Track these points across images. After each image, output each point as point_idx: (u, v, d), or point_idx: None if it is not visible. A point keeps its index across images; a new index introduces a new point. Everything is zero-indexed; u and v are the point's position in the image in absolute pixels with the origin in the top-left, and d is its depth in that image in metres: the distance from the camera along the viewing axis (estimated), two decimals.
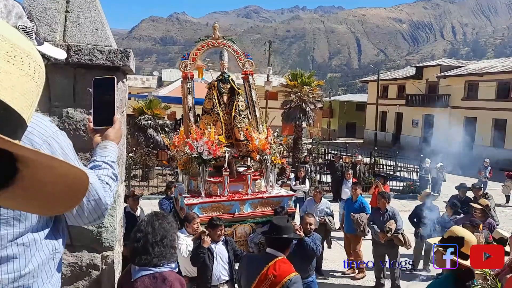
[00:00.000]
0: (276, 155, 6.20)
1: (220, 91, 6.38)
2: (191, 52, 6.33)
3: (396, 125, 36.98)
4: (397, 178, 17.24)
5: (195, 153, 5.62)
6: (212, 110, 6.28)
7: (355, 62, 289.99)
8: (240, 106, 6.36)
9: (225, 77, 6.47)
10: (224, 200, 5.85)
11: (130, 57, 2.31)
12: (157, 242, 2.44)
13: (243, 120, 6.34)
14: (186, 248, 4.86)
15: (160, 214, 2.61)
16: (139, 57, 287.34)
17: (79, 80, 2.28)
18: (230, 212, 5.84)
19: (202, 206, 5.68)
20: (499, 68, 28.04)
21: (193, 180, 6.07)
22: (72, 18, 2.30)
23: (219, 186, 5.95)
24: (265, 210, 6.06)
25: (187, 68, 6.24)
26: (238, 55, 6.43)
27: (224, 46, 6.38)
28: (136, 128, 16.18)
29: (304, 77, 20.11)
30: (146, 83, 48.84)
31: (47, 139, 1.24)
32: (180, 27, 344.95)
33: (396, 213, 7.18)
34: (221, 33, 6.52)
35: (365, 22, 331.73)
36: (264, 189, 6.27)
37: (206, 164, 5.72)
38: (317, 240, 5.47)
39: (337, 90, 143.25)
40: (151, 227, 2.49)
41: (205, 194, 5.83)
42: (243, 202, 5.95)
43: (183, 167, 6.01)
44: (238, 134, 6.28)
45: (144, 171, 15.32)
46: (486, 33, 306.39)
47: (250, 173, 6.14)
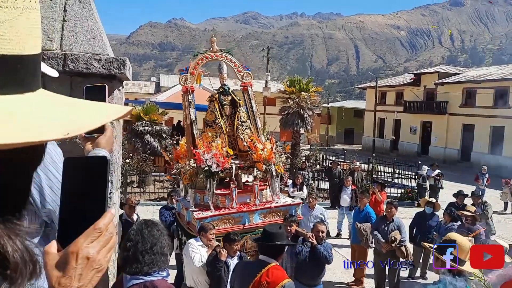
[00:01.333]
0: (280, 164, 6.25)
1: (222, 103, 6.43)
2: (190, 66, 6.35)
3: (394, 132, 37.07)
4: (395, 185, 17.25)
5: (203, 166, 5.62)
6: (215, 123, 6.32)
7: (353, 68, 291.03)
8: (242, 117, 6.41)
9: (226, 89, 6.52)
10: (233, 212, 5.86)
11: (126, 65, 2.32)
12: (147, 250, 2.43)
13: (246, 131, 6.39)
14: (200, 259, 4.87)
15: (149, 222, 2.61)
16: (137, 63, 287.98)
17: (75, 88, 2.29)
18: (240, 224, 5.86)
19: (212, 219, 5.68)
20: (497, 75, 28.17)
21: (198, 194, 6.07)
22: (69, 27, 2.31)
23: (226, 198, 5.96)
24: (274, 220, 6.07)
25: (187, 82, 6.27)
26: (237, 67, 6.48)
27: (223, 59, 6.42)
28: (133, 134, 16.16)
29: (302, 83, 20.17)
30: (143, 88, 48.86)
31: None
32: (178, 32, 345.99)
33: (401, 224, 7.16)
34: (219, 40, 6.58)
35: (363, 29, 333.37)
36: (271, 199, 6.30)
37: (214, 177, 5.72)
38: (329, 248, 5.53)
39: (335, 97, 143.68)
40: (140, 236, 2.48)
41: (214, 207, 5.83)
42: (252, 212, 5.98)
43: (188, 181, 5.96)
44: (241, 145, 6.33)
45: (141, 177, 15.29)
46: (484, 40, 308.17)
47: (257, 184, 6.15)
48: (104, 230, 0.82)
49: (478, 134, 28.58)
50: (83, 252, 0.79)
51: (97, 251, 0.81)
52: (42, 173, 1.29)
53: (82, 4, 2.35)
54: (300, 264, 5.39)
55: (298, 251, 5.38)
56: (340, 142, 44.29)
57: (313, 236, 5.40)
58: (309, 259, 5.26)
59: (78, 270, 0.79)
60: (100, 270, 0.82)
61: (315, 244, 5.26)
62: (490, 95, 27.90)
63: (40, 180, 1.27)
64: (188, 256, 5.03)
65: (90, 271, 0.80)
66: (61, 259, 0.80)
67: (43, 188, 1.30)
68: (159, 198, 14.18)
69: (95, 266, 0.81)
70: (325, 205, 12.73)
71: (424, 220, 8.20)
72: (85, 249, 0.80)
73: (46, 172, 1.31)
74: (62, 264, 0.79)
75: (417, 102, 33.80)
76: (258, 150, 5.93)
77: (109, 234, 0.83)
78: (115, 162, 2.61)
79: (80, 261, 0.79)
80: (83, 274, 0.80)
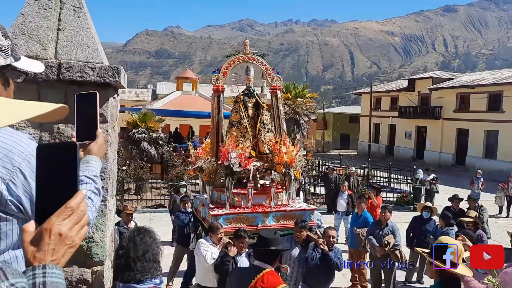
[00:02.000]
0: (298, 169, 6.31)
1: (246, 105, 6.52)
2: (223, 66, 6.48)
3: (389, 137, 37.21)
4: (390, 189, 17.30)
5: (226, 163, 5.69)
6: (240, 123, 6.42)
7: (348, 74, 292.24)
8: (264, 120, 6.51)
9: (251, 92, 6.63)
10: (248, 212, 5.95)
11: (121, 74, 2.35)
12: (139, 257, 2.43)
13: (267, 134, 6.49)
14: (211, 256, 5.02)
15: (142, 229, 2.61)
16: (133, 70, 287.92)
17: (70, 96, 2.30)
18: (253, 224, 5.94)
19: (227, 217, 5.80)
20: (490, 80, 28.39)
21: (216, 191, 6.20)
22: (63, 35, 2.34)
23: (243, 198, 6.05)
24: (287, 223, 6.13)
25: (219, 82, 6.38)
26: (267, 71, 6.60)
27: (254, 62, 6.55)
28: (130, 141, 16.15)
29: (297, 90, 20.29)
30: (140, 96, 48.81)
31: (26, 157, 1.25)
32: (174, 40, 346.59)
33: (396, 228, 7.18)
34: (215, 47, 6.67)
35: (357, 35, 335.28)
36: (286, 202, 6.35)
37: (233, 176, 5.82)
38: (340, 255, 5.50)
39: (331, 102, 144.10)
40: (132, 243, 2.48)
41: (229, 206, 5.94)
42: (267, 214, 6.04)
43: (208, 177, 6.11)
44: (262, 147, 6.41)
45: (137, 185, 15.26)
46: (477, 45, 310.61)
47: (273, 186, 6.21)
48: (75, 208, 0.91)
49: (472, 139, 28.76)
50: (56, 229, 0.88)
51: (69, 228, 0.90)
52: (32, 182, 1.30)
53: (76, 13, 2.38)
54: (310, 269, 5.38)
55: (309, 257, 5.38)
56: (336, 147, 44.38)
57: (324, 242, 5.38)
58: (320, 265, 5.26)
59: (51, 245, 0.87)
60: (72, 246, 0.91)
61: (326, 251, 5.25)
62: (483, 100, 28.11)
63: (31, 189, 1.27)
64: (200, 255, 5.15)
65: (62, 246, 0.89)
66: (36, 236, 0.89)
67: (33, 195, 1.31)
68: (156, 205, 14.15)
69: (67, 242, 0.90)
70: (321, 210, 12.74)
71: (421, 225, 8.23)
72: (57, 226, 0.88)
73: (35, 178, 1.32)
74: (37, 240, 0.88)
75: (411, 107, 33.99)
76: (281, 153, 6.02)
77: (80, 212, 0.92)
78: (110, 169, 2.63)
79: (53, 237, 0.88)
80: (56, 249, 0.88)
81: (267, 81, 6.82)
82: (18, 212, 1.27)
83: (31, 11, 2.32)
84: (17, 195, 1.25)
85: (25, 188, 1.26)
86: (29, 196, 1.27)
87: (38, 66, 1.65)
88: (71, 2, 2.38)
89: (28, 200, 1.27)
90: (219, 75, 6.38)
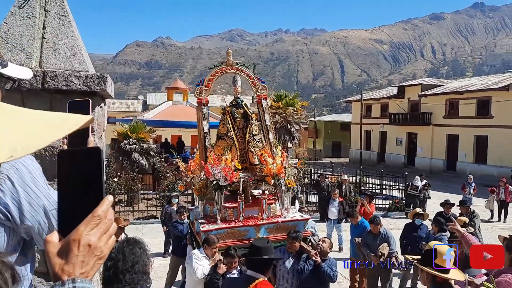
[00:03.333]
0: (291, 179, 6.20)
1: (234, 116, 6.42)
2: (206, 78, 6.38)
3: (381, 144, 37.41)
4: (383, 196, 17.33)
5: (211, 179, 5.61)
6: (227, 135, 6.30)
7: (338, 82, 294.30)
8: (253, 131, 6.39)
9: (239, 102, 6.54)
10: (239, 225, 5.81)
11: (107, 82, 2.31)
12: (128, 269, 2.37)
13: (257, 145, 6.36)
14: (202, 271, 4.95)
15: (131, 240, 2.55)
16: (124, 82, 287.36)
17: (55, 105, 2.27)
18: (245, 238, 5.79)
19: (218, 232, 5.65)
20: (478, 86, 28.74)
21: (208, 205, 6.07)
22: (48, 44, 2.30)
23: (234, 211, 5.93)
24: (280, 235, 5.98)
25: (202, 94, 6.27)
26: (252, 80, 6.48)
27: (238, 72, 6.44)
28: (121, 152, 16.04)
29: (288, 98, 20.35)
30: (131, 107, 48.65)
31: (15, 164, 1.23)
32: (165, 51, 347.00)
33: (390, 235, 7.13)
34: (205, 57, 6.64)
35: (347, 44, 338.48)
36: (279, 213, 6.22)
37: (222, 190, 5.72)
38: (334, 266, 5.37)
39: (322, 111, 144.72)
40: (121, 254, 2.42)
41: (221, 220, 5.81)
42: (259, 227, 5.90)
43: (198, 192, 6.00)
44: (252, 158, 6.28)
45: (129, 196, 15.13)
46: (464, 52, 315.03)
47: (265, 198, 6.08)
48: (103, 217, 0.83)
49: (462, 144, 29.02)
50: (85, 239, 0.81)
51: (98, 238, 0.83)
52: (20, 189, 1.27)
53: (61, 21, 2.34)
54: (303, 281, 5.26)
55: (300, 269, 5.25)
56: (327, 155, 44.49)
57: (317, 254, 5.27)
58: (313, 277, 5.13)
59: (80, 257, 0.81)
60: (101, 257, 0.84)
61: (318, 262, 5.13)
62: (472, 106, 28.42)
63: (19, 196, 1.25)
64: (191, 267, 5.07)
65: (92, 258, 0.82)
66: (63, 247, 0.81)
67: (22, 204, 1.28)
68: (148, 216, 14.02)
69: (96, 253, 0.83)
70: (314, 218, 12.71)
71: (414, 231, 8.22)
72: (86, 237, 0.81)
73: (25, 187, 1.29)
74: (65, 252, 0.81)
75: (401, 114, 34.26)
76: (268, 164, 5.93)
77: (108, 221, 0.85)
78: None
79: (82, 248, 0.81)
80: (85, 261, 0.81)
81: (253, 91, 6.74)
82: (5, 220, 1.24)
83: (15, 20, 2.29)
84: (4, 202, 1.23)
85: (13, 195, 1.24)
86: (17, 204, 1.25)
87: (26, 72, 1.63)
88: (56, 10, 2.35)
89: (16, 208, 1.25)
90: (203, 88, 6.27)
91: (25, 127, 0.82)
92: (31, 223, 1.32)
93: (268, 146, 6.29)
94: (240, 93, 6.67)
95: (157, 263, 8.32)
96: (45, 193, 1.36)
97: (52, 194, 1.38)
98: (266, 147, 6.29)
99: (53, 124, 0.85)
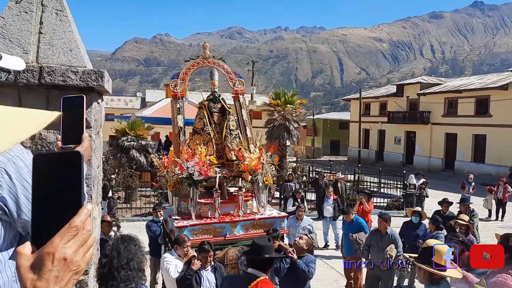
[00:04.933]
0: (268, 175, 6.10)
1: (211, 111, 6.30)
2: (181, 71, 6.27)
3: (379, 142, 37.44)
4: (381, 194, 17.35)
5: (185, 174, 5.51)
6: (203, 130, 6.18)
7: (337, 81, 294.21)
8: (231, 126, 6.26)
9: (216, 97, 6.40)
10: (215, 222, 5.69)
11: (104, 78, 2.30)
12: (123, 266, 2.36)
13: (234, 140, 6.23)
14: (175, 269, 4.80)
15: (126, 237, 2.54)
16: (122, 78, 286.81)
17: (52, 101, 2.25)
18: (221, 235, 5.68)
19: (192, 228, 5.54)
20: (477, 85, 28.76)
21: (183, 201, 5.95)
22: (45, 39, 2.28)
23: (209, 208, 5.81)
24: (257, 232, 5.86)
25: (177, 88, 6.15)
26: (229, 74, 6.36)
27: (215, 66, 6.32)
28: (119, 149, 16.01)
29: (287, 96, 20.32)
30: (129, 104, 48.64)
31: (12, 158, 1.23)
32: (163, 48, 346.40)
33: (397, 237, 6.90)
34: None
35: (346, 42, 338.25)
36: (256, 210, 6.12)
37: (196, 185, 5.59)
38: (311, 263, 5.28)
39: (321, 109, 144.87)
40: (116, 251, 2.41)
41: (196, 216, 5.68)
42: (235, 224, 5.78)
43: (172, 188, 5.87)
44: (229, 154, 6.16)
45: (127, 193, 15.11)
46: (464, 51, 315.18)
47: (242, 194, 5.96)
48: (80, 227, 0.76)
49: (461, 143, 29.05)
50: (60, 252, 0.74)
51: (75, 251, 0.75)
52: (18, 183, 1.26)
53: (58, 16, 2.32)
54: (282, 280, 5.21)
55: (277, 268, 5.18)
56: (326, 153, 44.53)
57: (293, 250, 5.19)
58: (290, 274, 5.06)
59: (54, 272, 0.73)
60: (77, 271, 0.76)
61: (294, 259, 5.05)
62: (471, 104, 28.44)
63: (16, 190, 1.24)
64: (164, 269, 4.97)
65: (67, 273, 0.75)
66: (36, 261, 0.74)
67: (19, 198, 1.27)
68: (145, 213, 14.01)
69: (72, 267, 0.75)
70: (312, 216, 12.73)
71: (412, 230, 8.23)
72: (61, 250, 0.74)
73: (22, 181, 1.28)
74: (38, 266, 0.74)
75: (400, 113, 34.27)
76: (245, 160, 5.82)
77: (86, 232, 0.77)
78: (95, 175, 2.57)
79: (57, 263, 0.74)
80: (60, 276, 0.74)
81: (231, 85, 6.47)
82: (3, 214, 1.24)
83: (11, 15, 2.27)
84: (1, 196, 1.22)
85: (10, 189, 1.23)
86: (14, 197, 1.24)
87: (19, 63, 1.62)
88: (53, 5, 2.33)
89: (13, 202, 1.24)
90: (178, 81, 6.15)
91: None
92: (28, 218, 1.32)
93: (245, 142, 6.17)
94: (217, 87, 6.49)
95: None
96: None
97: None
98: (243, 143, 6.16)
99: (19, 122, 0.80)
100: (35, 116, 0.86)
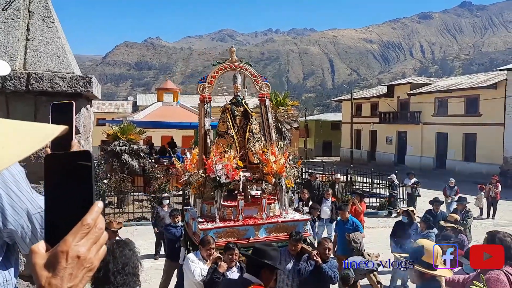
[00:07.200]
0: (290, 179, 6.14)
1: (234, 114, 6.36)
2: (209, 75, 6.34)
3: (371, 143, 37.63)
4: (373, 194, 17.43)
5: (213, 175, 5.53)
6: (227, 133, 6.23)
7: (329, 82, 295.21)
8: (253, 129, 6.33)
9: (239, 100, 6.48)
10: (239, 225, 5.73)
11: (92, 83, 2.30)
12: (119, 270, 2.37)
13: (257, 143, 6.30)
14: (200, 272, 4.84)
15: (121, 242, 2.55)
16: (114, 83, 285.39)
17: (40, 107, 2.24)
18: (245, 237, 5.71)
19: (216, 231, 5.57)
20: (467, 85, 29.04)
21: (206, 204, 5.98)
22: (32, 46, 2.28)
23: (233, 211, 5.84)
24: (280, 235, 5.90)
25: (205, 91, 6.22)
26: (255, 78, 6.46)
27: (241, 69, 6.42)
28: (111, 154, 15.93)
29: (279, 98, 20.40)
30: (121, 108, 48.35)
31: None
32: (154, 51, 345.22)
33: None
34: (195, 57, 6.57)
35: (337, 43, 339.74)
36: (279, 213, 6.15)
37: (222, 188, 5.64)
38: (335, 267, 5.30)
39: (313, 110, 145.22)
40: (111, 256, 2.42)
41: (220, 219, 5.72)
42: (258, 227, 5.81)
43: (196, 190, 5.92)
44: (252, 157, 6.20)
45: (119, 198, 15.03)
46: (453, 51, 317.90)
47: (265, 197, 5.99)
48: (92, 225, 0.78)
49: (452, 142, 29.30)
50: (73, 250, 0.76)
51: (88, 249, 0.78)
52: (3, 192, 1.25)
53: (45, 22, 2.32)
54: (303, 282, 5.19)
55: (301, 269, 5.17)
56: (318, 154, 44.63)
57: (318, 254, 5.20)
58: (313, 278, 5.04)
59: (68, 269, 0.76)
60: (91, 269, 0.79)
61: (320, 263, 5.06)
62: (461, 104, 28.71)
63: (1, 200, 1.23)
64: (188, 270, 4.99)
65: (81, 270, 0.77)
66: (50, 259, 0.76)
67: (4, 208, 1.26)
68: (138, 218, 13.95)
69: (85, 265, 0.78)
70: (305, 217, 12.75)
71: (403, 229, 8.28)
72: (75, 248, 0.76)
73: (7, 191, 1.27)
74: (52, 264, 0.76)
75: (391, 113, 34.50)
76: (270, 163, 5.85)
77: (98, 230, 0.79)
78: None
79: (71, 261, 0.76)
80: (74, 273, 0.76)
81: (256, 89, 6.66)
82: None
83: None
84: None
85: None
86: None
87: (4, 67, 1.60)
88: (40, 11, 2.33)
89: None
90: (206, 85, 6.22)
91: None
92: (14, 227, 1.30)
93: (269, 144, 6.23)
94: (240, 90, 6.61)
95: (147, 265, 8.29)
96: (28, 196, 1.34)
97: (35, 198, 1.36)
98: (268, 146, 6.22)
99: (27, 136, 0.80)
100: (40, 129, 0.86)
